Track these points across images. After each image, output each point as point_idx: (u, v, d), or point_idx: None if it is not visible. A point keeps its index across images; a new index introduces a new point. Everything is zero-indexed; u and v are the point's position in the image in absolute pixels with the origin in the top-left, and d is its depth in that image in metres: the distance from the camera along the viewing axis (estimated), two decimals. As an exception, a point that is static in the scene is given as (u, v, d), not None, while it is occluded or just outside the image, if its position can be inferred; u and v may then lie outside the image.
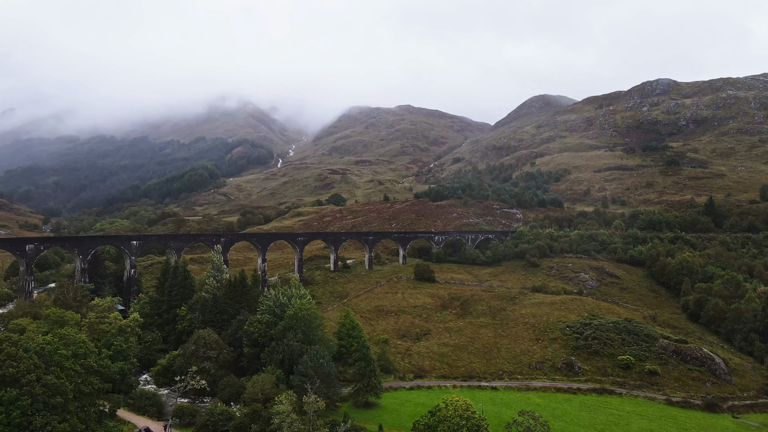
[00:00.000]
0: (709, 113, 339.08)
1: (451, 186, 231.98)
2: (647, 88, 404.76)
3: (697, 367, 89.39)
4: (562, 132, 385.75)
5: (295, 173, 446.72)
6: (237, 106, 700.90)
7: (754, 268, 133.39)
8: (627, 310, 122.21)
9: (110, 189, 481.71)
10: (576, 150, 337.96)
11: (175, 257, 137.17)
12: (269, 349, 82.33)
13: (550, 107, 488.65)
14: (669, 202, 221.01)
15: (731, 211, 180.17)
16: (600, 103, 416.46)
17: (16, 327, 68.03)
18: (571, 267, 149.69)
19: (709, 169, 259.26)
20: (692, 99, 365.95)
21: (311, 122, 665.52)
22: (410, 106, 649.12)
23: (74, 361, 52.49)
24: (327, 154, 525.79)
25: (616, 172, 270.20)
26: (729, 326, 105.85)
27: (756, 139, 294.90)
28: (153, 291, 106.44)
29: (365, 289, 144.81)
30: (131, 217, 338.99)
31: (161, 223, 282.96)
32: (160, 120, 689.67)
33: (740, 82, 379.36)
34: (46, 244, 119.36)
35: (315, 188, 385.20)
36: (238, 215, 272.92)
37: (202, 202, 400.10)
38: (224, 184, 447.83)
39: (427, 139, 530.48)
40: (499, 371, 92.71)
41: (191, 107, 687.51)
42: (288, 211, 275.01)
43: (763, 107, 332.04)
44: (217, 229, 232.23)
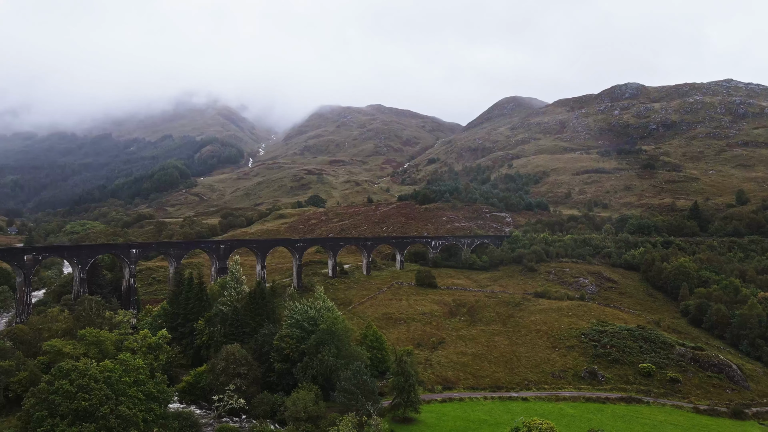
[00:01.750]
0: (678, 117, 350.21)
1: (437, 189, 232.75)
2: (617, 91, 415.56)
3: (715, 374, 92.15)
4: (536, 134, 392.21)
5: (269, 173, 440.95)
6: (205, 104, 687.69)
7: (746, 272, 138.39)
8: (631, 315, 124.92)
9: (74, 188, 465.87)
10: (552, 152, 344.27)
11: (175, 265, 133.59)
12: (302, 365, 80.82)
13: (522, 109, 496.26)
14: (649, 205, 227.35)
15: (714, 215, 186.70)
16: (572, 106, 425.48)
17: (52, 348, 64.70)
18: (569, 272, 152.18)
19: (683, 172, 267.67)
20: (661, 103, 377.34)
21: (281, 121, 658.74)
22: (381, 106, 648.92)
23: (137, 388, 50.20)
24: (299, 154, 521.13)
25: (594, 175, 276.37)
26: (735, 332, 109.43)
27: (724, 144, 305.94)
28: (165, 302, 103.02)
29: (368, 295, 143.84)
30: (101, 218, 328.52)
31: (137, 226, 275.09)
32: (124, 116, 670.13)
33: (705, 87, 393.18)
34: (44, 254, 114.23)
35: (291, 189, 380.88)
36: (219, 217, 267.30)
37: (174, 203, 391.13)
38: (195, 183, 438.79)
39: (399, 139, 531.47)
40: (524, 381, 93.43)
41: (157, 103, 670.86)
42: (269, 213, 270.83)
43: (728, 112, 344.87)
44: (201, 232, 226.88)
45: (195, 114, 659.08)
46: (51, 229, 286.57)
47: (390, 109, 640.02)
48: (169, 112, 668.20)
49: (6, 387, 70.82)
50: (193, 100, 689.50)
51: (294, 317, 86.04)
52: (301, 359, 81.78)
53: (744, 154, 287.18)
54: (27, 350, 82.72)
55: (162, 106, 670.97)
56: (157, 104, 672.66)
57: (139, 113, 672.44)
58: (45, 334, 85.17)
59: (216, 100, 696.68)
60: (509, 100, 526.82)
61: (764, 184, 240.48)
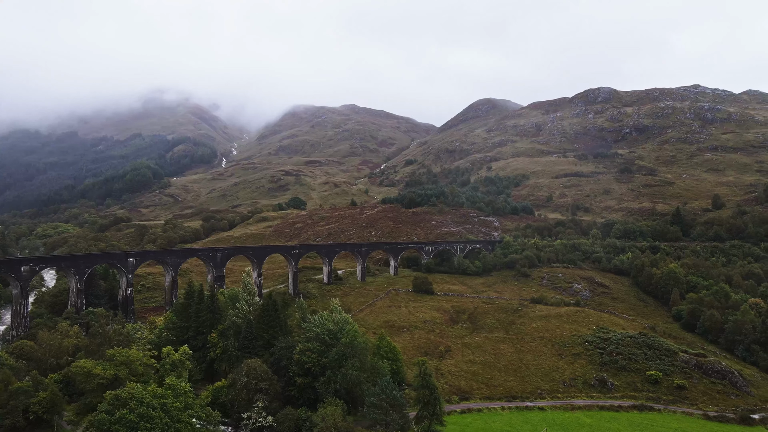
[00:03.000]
0: (650, 122, 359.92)
1: (423, 193, 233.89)
2: (590, 95, 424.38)
3: (719, 380, 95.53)
4: (512, 137, 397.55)
5: (245, 174, 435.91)
6: (176, 102, 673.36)
7: (732, 277, 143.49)
8: (626, 321, 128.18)
9: (40, 189, 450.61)
10: (529, 155, 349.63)
11: (172, 273, 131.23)
12: (325, 379, 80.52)
13: (497, 111, 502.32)
14: (630, 209, 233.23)
15: (695, 220, 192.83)
16: (546, 109, 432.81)
17: (82, 370, 62.97)
18: (562, 277, 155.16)
19: (658, 176, 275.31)
20: (633, 108, 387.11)
21: (254, 120, 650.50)
22: (355, 106, 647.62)
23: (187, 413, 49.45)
24: (274, 154, 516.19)
25: (573, 179, 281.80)
26: (729, 337, 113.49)
27: (695, 148, 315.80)
28: (172, 314, 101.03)
29: (366, 302, 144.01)
30: (72, 220, 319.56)
31: (114, 229, 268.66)
32: (91, 113, 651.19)
33: (674, 92, 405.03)
34: (41, 264, 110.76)
35: (269, 190, 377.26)
36: (200, 220, 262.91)
37: (147, 204, 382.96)
38: (169, 184, 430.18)
39: (375, 139, 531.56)
40: (537, 389, 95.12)
41: (125, 100, 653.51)
42: (251, 216, 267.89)
43: (697, 117, 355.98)
44: (184, 236, 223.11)
45: (165, 112, 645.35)
46: (21, 231, 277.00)
47: (364, 109, 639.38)
48: (139, 109, 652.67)
49: (26, 408, 68.66)
50: (164, 97, 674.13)
51: (314, 330, 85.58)
52: (323, 373, 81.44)
53: (714, 159, 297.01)
54: (38, 368, 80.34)
55: (131, 104, 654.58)
56: (125, 101, 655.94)
57: (107, 110, 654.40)
58: (54, 350, 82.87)
59: (187, 98, 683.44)
60: (484, 101, 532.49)
61: (736, 188, 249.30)
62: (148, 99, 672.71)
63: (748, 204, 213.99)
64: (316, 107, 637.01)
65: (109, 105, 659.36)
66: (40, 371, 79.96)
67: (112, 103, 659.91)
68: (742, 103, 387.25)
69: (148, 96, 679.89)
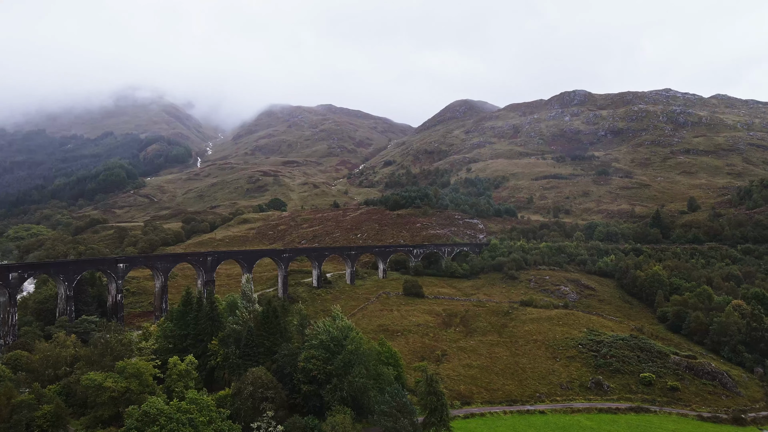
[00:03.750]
0: (625, 125, 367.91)
1: (408, 195, 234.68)
2: (566, 98, 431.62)
3: (710, 381, 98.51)
4: (490, 138, 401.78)
5: (222, 174, 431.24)
6: (149, 99, 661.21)
7: (713, 279, 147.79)
8: (614, 323, 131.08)
9: (7, 188, 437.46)
10: (508, 157, 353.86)
11: (162, 279, 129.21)
12: (331, 386, 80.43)
13: (474, 112, 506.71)
14: (608, 211, 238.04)
15: (674, 222, 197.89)
16: (523, 111, 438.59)
17: (92, 383, 61.67)
18: (549, 279, 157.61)
19: (634, 179, 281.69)
20: (608, 111, 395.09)
21: (228, 119, 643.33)
22: (332, 106, 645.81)
23: (212, 427, 49.01)
24: (250, 154, 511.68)
25: (553, 181, 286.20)
26: (715, 338, 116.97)
27: (668, 151, 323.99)
28: (168, 322, 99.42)
29: (358, 306, 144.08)
30: (44, 221, 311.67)
31: (91, 231, 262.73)
32: (60, 111, 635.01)
33: (647, 96, 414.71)
34: (30, 271, 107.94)
35: (247, 191, 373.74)
36: (180, 222, 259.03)
37: (122, 205, 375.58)
38: (143, 184, 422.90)
39: (353, 140, 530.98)
40: (536, 393, 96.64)
41: (96, 98, 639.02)
42: (233, 218, 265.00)
43: (669, 121, 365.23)
44: (165, 239, 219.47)
45: (138, 110, 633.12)
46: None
47: (341, 109, 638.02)
48: (110, 107, 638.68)
49: (29, 423, 66.96)
50: (137, 95, 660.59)
51: (318, 337, 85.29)
52: (329, 380, 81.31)
53: (687, 162, 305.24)
54: (35, 379, 78.43)
55: (101, 101, 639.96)
56: (95, 98, 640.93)
57: (76, 108, 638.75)
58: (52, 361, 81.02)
59: (161, 96, 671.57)
60: (461, 103, 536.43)
61: (709, 190, 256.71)
62: (120, 96, 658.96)
63: (722, 206, 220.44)
64: (293, 107, 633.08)
65: (79, 102, 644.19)
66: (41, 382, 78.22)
67: (83, 100, 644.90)
68: (711, 107, 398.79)
69: (120, 93, 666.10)
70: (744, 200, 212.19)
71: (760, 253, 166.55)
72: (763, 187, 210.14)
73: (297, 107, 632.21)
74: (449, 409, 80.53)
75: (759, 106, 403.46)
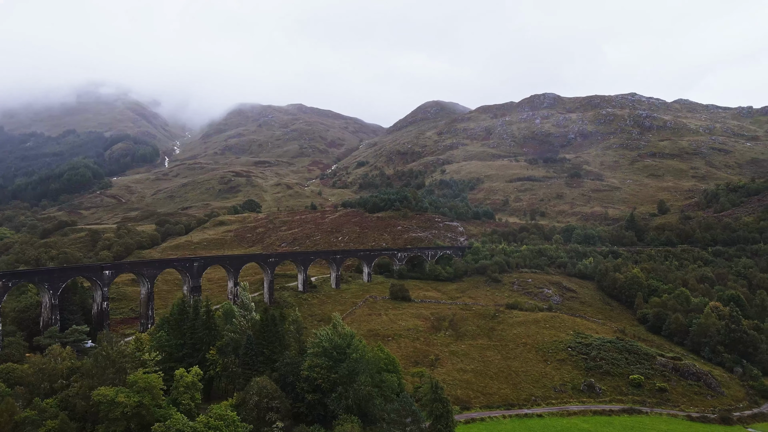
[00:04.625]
0: (593, 128, 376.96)
1: (387, 198, 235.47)
2: (536, 101, 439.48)
3: (695, 382, 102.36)
4: (463, 140, 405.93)
5: (192, 174, 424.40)
6: (113, 96, 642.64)
7: (688, 281, 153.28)
8: (598, 325, 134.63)
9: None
10: (481, 159, 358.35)
11: (148, 285, 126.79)
12: (336, 395, 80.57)
13: (445, 113, 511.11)
14: (583, 214, 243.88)
15: (647, 225, 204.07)
16: (495, 113, 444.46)
17: (104, 398, 60.34)
18: (532, 282, 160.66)
19: (605, 181, 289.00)
20: (576, 114, 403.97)
21: (196, 117, 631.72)
22: (303, 105, 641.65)
23: (240, 445, 48.79)
24: (220, 154, 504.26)
25: (527, 183, 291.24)
26: (696, 339, 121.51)
27: (635, 154, 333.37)
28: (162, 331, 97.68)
29: (345, 311, 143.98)
30: (6, 223, 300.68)
31: (59, 233, 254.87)
32: (18, 107, 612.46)
33: (614, 100, 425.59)
34: (14, 279, 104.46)
35: (219, 192, 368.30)
36: (153, 224, 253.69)
37: (88, 206, 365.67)
38: (110, 184, 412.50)
39: (324, 140, 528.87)
40: (531, 396, 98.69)
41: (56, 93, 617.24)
42: (208, 220, 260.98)
43: (636, 124, 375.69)
44: (141, 242, 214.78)
45: (101, 107, 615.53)
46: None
47: (312, 109, 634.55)
48: (71, 104, 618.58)
49: (33, 440, 65.26)
50: (100, 91, 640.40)
51: (321, 345, 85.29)
52: (334, 389, 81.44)
53: (654, 165, 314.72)
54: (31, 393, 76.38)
55: (63, 97, 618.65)
56: (56, 94, 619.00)
57: (36, 104, 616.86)
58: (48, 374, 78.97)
59: (126, 93, 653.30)
60: (433, 104, 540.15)
61: (677, 193, 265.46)
62: (83, 92, 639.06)
63: (690, 209, 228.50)
64: (263, 106, 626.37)
65: (39, 98, 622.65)
66: (34, 396, 76.11)
67: (42, 96, 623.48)
68: (674, 112, 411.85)
69: (83, 89, 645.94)
70: (711, 203, 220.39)
71: (730, 255, 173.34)
72: (729, 191, 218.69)
73: (267, 107, 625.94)
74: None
75: (719, 111, 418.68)
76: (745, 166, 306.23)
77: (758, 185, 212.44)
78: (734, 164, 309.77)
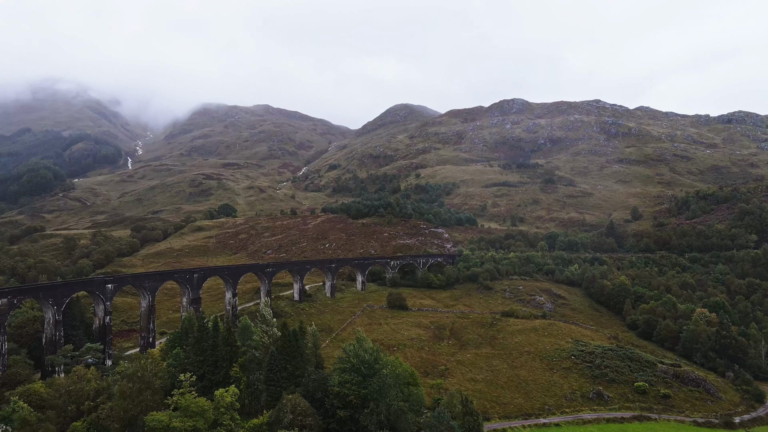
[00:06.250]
0: (562, 134, 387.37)
1: (370, 203, 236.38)
2: (505, 106, 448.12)
3: (695, 387, 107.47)
4: (435, 144, 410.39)
5: (158, 176, 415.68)
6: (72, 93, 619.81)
7: (671, 287, 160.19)
8: (591, 331, 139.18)
9: None
10: (455, 163, 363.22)
11: (149, 298, 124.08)
12: (368, 411, 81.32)
13: (415, 116, 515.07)
14: (560, 219, 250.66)
15: (625, 232, 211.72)
16: (465, 117, 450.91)
17: (159, 424, 59.47)
18: (523, 289, 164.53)
19: (578, 187, 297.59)
20: (545, 119, 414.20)
21: (159, 117, 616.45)
22: (269, 106, 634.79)
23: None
24: (186, 155, 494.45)
25: (503, 188, 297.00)
26: (687, 345, 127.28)
27: (603, 160, 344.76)
28: (178, 348, 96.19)
29: (345, 320, 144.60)
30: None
31: (29, 240, 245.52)
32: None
33: (580, 106, 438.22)
34: (20, 296, 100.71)
35: (190, 195, 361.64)
36: (128, 230, 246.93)
37: (51, 209, 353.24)
38: (73, 186, 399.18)
39: (293, 142, 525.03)
40: (545, 405, 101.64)
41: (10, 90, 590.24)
42: (185, 225, 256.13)
43: (602, 131, 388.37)
44: (121, 249, 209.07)
45: (59, 105, 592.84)
46: None
47: (278, 110, 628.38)
48: (26, 100, 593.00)
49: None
50: (57, 87, 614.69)
51: (350, 361, 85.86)
52: (365, 405, 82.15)
53: (622, 171, 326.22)
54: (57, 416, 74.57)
55: (17, 93, 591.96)
56: (10, 90, 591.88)
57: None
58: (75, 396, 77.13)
59: (85, 90, 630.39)
60: (402, 107, 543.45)
61: (646, 199, 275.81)
62: (38, 89, 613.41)
63: (662, 215, 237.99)
64: (228, 106, 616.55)
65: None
66: (60, 419, 74.32)
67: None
68: (637, 119, 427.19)
69: (39, 85, 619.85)
70: (682, 210, 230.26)
71: (706, 262, 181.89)
72: (699, 199, 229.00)
73: (233, 107, 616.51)
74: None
75: (678, 118, 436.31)
76: (706, 173, 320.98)
77: (726, 193, 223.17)
78: (696, 171, 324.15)
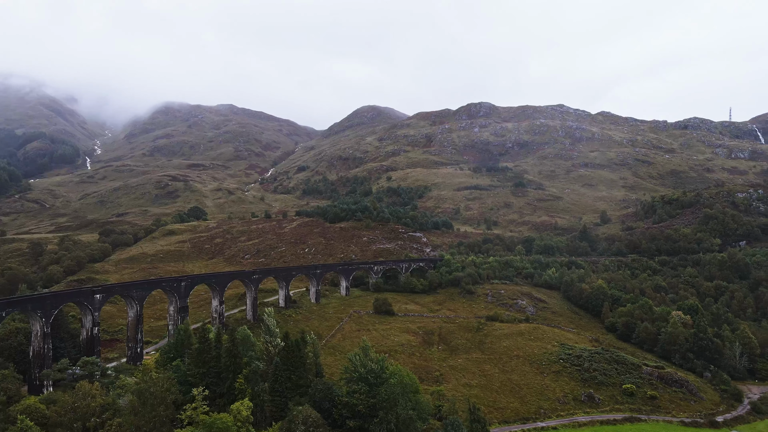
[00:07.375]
0: (529, 138, 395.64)
1: (348, 207, 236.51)
2: (472, 109, 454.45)
3: (679, 388, 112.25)
4: (404, 146, 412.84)
5: (121, 177, 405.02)
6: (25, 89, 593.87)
7: (645, 290, 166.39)
8: (573, 334, 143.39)
9: None
10: (425, 166, 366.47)
11: (136, 308, 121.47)
12: (378, 420, 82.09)
13: (382, 118, 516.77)
14: (533, 223, 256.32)
15: (598, 236, 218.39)
16: (433, 120, 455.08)
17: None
18: (505, 294, 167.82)
19: (547, 191, 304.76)
20: (512, 123, 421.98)
21: (118, 115, 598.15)
22: (233, 106, 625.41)
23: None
24: (149, 155, 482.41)
25: (475, 192, 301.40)
26: (666, 347, 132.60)
27: (570, 164, 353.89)
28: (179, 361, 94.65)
29: (333, 326, 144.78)
30: None
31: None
32: None
33: (545, 110, 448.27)
34: (8, 309, 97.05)
35: (156, 197, 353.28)
36: (97, 234, 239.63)
37: (7, 211, 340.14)
38: (29, 187, 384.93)
39: (259, 143, 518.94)
40: (540, 409, 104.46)
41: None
42: (156, 229, 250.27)
43: (567, 135, 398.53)
44: (92, 254, 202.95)
45: (11, 101, 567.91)
46: None
47: (243, 110, 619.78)
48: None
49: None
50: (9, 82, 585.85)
51: (358, 371, 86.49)
52: (374, 414, 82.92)
53: (587, 175, 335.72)
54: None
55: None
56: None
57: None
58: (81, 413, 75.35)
59: (39, 86, 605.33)
60: (369, 108, 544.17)
61: (612, 203, 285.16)
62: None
63: (629, 219, 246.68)
64: (192, 105, 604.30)
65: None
66: (69, 438, 72.56)
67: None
68: (599, 123, 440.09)
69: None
70: (649, 214, 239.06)
71: (675, 265, 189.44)
72: (665, 203, 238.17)
73: (196, 106, 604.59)
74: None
75: (638, 123, 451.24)
76: (667, 177, 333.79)
77: (690, 198, 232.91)
78: (657, 175, 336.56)
